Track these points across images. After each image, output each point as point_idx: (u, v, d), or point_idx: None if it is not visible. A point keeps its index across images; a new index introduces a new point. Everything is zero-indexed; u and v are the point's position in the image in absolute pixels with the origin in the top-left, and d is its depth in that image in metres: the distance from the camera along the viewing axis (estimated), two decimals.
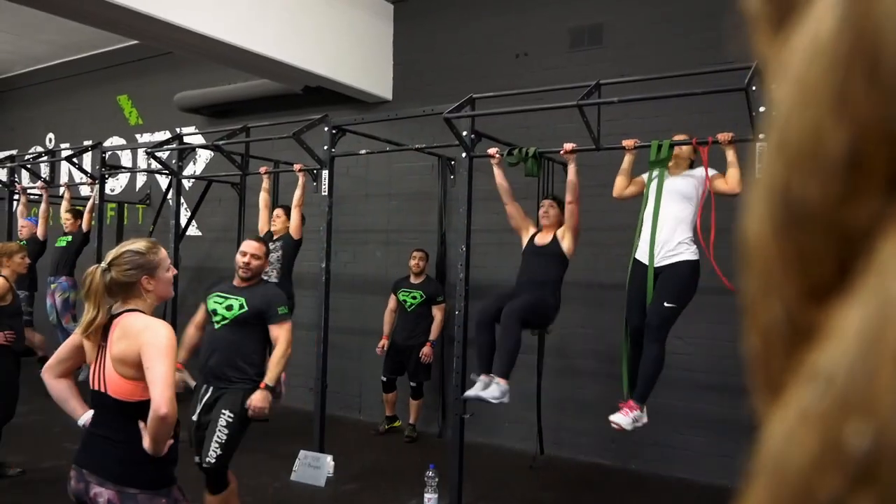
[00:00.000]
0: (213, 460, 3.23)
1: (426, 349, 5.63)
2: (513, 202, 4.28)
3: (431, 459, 4.68)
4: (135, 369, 2.07)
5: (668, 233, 3.67)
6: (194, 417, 3.40)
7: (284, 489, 4.55)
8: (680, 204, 3.70)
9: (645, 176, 3.87)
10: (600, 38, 5.47)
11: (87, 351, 2.20)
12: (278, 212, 5.46)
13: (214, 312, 3.46)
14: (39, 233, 6.84)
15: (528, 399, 5.02)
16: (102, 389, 2.13)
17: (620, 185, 3.90)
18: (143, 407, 2.05)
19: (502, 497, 4.51)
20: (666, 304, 3.62)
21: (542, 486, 4.75)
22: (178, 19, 4.68)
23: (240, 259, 3.55)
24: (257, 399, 3.30)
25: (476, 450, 5.41)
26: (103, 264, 2.18)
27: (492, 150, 4.16)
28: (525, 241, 4.28)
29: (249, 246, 3.58)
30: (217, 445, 3.23)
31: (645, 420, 3.71)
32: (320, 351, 4.86)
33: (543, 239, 4.20)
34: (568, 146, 3.95)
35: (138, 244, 2.25)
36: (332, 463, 4.74)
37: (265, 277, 5.25)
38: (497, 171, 4.21)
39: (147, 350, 2.03)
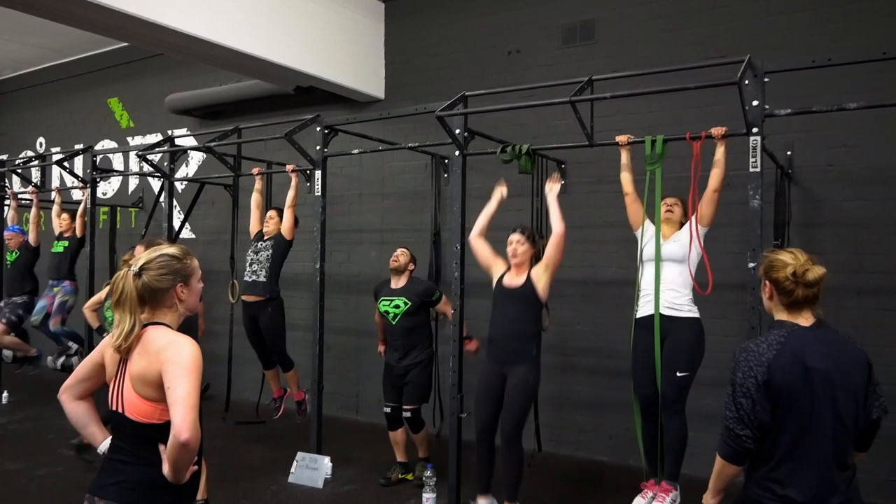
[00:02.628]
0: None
1: (471, 345, 4.64)
2: (480, 237, 4.08)
3: (429, 459, 4.67)
4: (155, 389, 1.89)
5: (670, 294, 3.65)
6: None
7: (282, 491, 4.54)
8: (674, 269, 3.68)
9: (641, 208, 3.82)
10: (592, 34, 5.46)
11: (108, 367, 2.02)
12: (272, 213, 5.38)
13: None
14: (32, 239, 6.78)
15: None
16: (120, 410, 1.95)
17: (627, 180, 3.87)
18: (163, 430, 1.87)
19: (501, 496, 4.49)
20: (679, 374, 3.60)
21: (541, 484, 4.74)
22: (169, 21, 4.65)
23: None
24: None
25: (474, 449, 5.39)
26: (134, 268, 1.98)
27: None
28: (495, 279, 4.00)
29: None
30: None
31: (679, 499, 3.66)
32: (316, 352, 4.84)
33: (514, 280, 3.90)
34: (554, 179, 3.95)
35: (172, 248, 2.09)
36: (330, 464, 4.73)
37: (254, 278, 5.22)
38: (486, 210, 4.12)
39: (169, 368, 1.85)
